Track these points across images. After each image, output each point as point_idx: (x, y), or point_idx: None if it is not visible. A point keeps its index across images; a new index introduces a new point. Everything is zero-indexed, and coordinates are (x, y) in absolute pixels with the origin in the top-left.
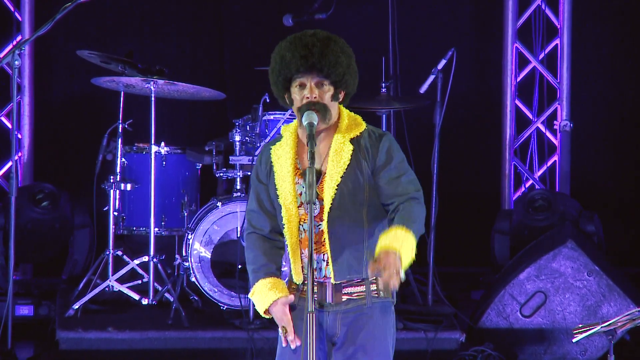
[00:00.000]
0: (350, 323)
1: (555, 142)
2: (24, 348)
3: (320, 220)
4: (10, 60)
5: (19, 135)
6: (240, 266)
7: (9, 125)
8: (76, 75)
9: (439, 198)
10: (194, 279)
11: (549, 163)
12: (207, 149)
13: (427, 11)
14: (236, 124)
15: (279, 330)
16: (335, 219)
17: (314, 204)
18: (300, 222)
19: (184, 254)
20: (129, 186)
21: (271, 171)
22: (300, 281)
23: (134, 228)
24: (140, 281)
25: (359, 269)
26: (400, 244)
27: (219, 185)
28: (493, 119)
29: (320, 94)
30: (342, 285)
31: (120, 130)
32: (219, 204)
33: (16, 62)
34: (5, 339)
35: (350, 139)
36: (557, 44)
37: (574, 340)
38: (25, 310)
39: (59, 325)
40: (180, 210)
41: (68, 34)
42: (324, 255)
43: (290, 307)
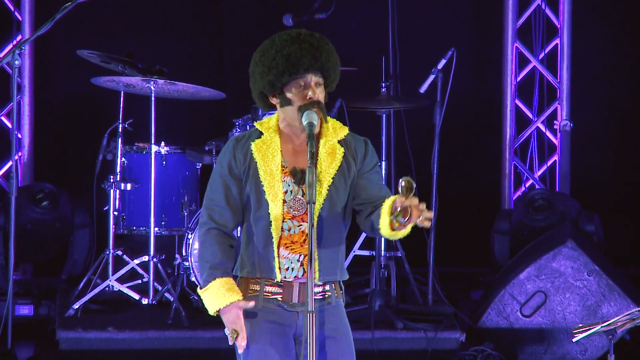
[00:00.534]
0: (317, 319)
1: (555, 142)
2: (24, 348)
3: (303, 221)
4: (10, 60)
5: (19, 135)
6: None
7: (9, 125)
8: (76, 75)
9: (439, 198)
10: (194, 279)
11: (549, 163)
12: (207, 149)
13: (427, 11)
14: (236, 123)
15: (226, 332)
16: (323, 219)
17: (301, 203)
18: (284, 220)
19: (184, 253)
20: (129, 186)
21: (252, 167)
22: (279, 279)
23: (134, 228)
24: (140, 281)
25: (336, 270)
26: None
27: None
28: (493, 119)
29: (319, 93)
30: (316, 284)
31: (120, 130)
32: None
33: (16, 62)
34: (5, 338)
35: (339, 141)
36: (557, 44)
37: (574, 340)
38: (25, 310)
39: (58, 325)
40: (180, 210)
41: (68, 34)
42: (300, 255)
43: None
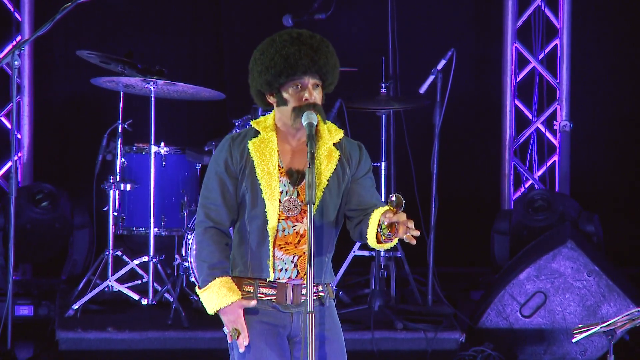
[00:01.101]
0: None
1: (555, 142)
2: (23, 348)
3: (297, 222)
4: (10, 61)
5: (19, 136)
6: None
7: (9, 126)
8: (76, 75)
9: (439, 198)
10: (193, 279)
11: (549, 163)
12: (207, 149)
13: (427, 11)
14: (236, 124)
15: (225, 331)
16: (315, 222)
17: (296, 204)
18: (278, 221)
19: (184, 254)
20: (128, 186)
21: (249, 166)
22: (272, 279)
23: (134, 228)
24: (139, 281)
25: (324, 272)
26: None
27: None
28: (493, 119)
29: (316, 95)
30: (302, 286)
31: (120, 131)
32: None
33: (16, 62)
34: (5, 339)
35: (334, 144)
36: (557, 44)
37: (574, 340)
38: (24, 310)
39: (58, 326)
40: (180, 211)
41: (68, 34)
42: (294, 256)
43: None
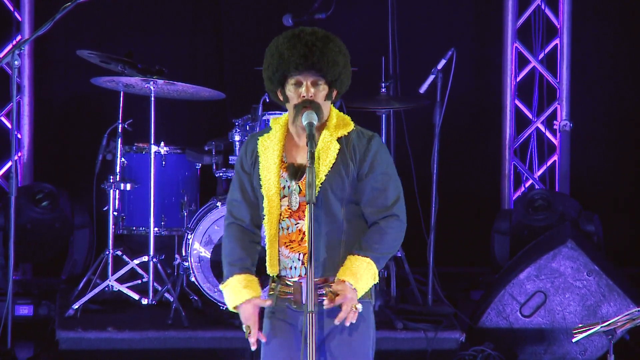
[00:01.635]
0: (328, 323)
1: (555, 142)
2: (23, 348)
3: (300, 219)
4: (10, 60)
5: (19, 135)
6: None
7: (9, 125)
8: (76, 75)
9: (439, 198)
10: (193, 279)
11: (549, 163)
12: (207, 149)
13: (427, 11)
14: (236, 123)
15: (243, 327)
16: (316, 216)
17: (296, 199)
18: (282, 218)
19: (184, 253)
20: (128, 186)
21: (256, 161)
22: (276, 273)
23: (134, 228)
24: (140, 281)
25: (335, 268)
26: (358, 277)
27: (219, 185)
28: (493, 119)
29: (315, 92)
30: (318, 285)
31: (120, 130)
32: (219, 203)
33: (16, 62)
34: (5, 338)
35: (338, 138)
36: (557, 44)
37: (574, 340)
38: (25, 310)
39: (58, 325)
40: (180, 210)
41: (68, 34)
42: (299, 254)
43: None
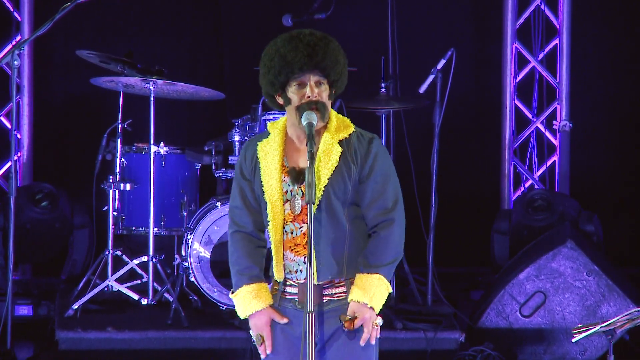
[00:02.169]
0: (332, 324)
1: (555, 142)
2: (23, 348)
3: (304, 223)
4: (9, 60)
5: (19, 135)
6: None
7: (9, 125)
8: (75, 75)
9: (439, 198)
10: (193, 279)
11: (549, 163)
12: (207, 149)
13: (427, 11)
14: (235, 124)
15: (252, 334)
16: (321, 220)
17: (299, 203)
18: (285, 222)
19: (184, 253)
20: (128, 186)
21: (257, 167)
22: (282, 279)
23: (134, 228)
24: (139, 281)
25: (340, 270)
26: (372, 295)
27: (219, 185)
28: (492, 119)
29: (319, 92)
30: (323, 286)
31: (119, 130)
32: (219, 203)
33: (15, 62)
34: (4, 338)
35: (339, 141)
36: (557, 44)
37: (574, 340)
38: (24, 310)
39: (58, 325)
40: (180, 210)
41: (67, 34)
42: (304, 257)
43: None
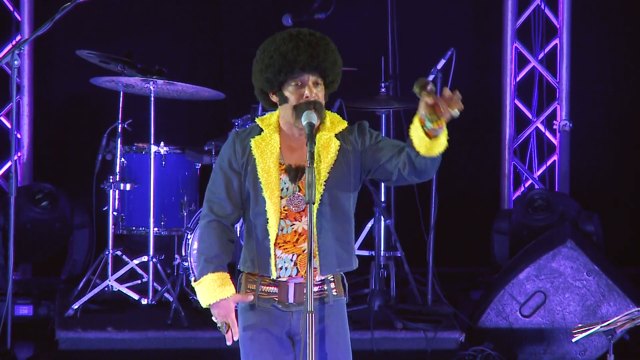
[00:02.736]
0: (316, 321)
1: (555, 142)
2: (23, 348)
3: (296, 220)
4: (9, 60)
5: (19, 135)
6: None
7: (9, 125)
8: (75, 75)
9: (439, 198)
10: (193, 279)
11: (549, 163)
12: (207, 149)
13: (427, 11)
14: (235, 123)
15: (217, 324)
16: (323, 214)
17: (300, 199)
18: (281, 217)
19: (184, 253)
20: (128, 186)
21: (250, 163)
22: (275, 277)
23: (134, 228)
24: (139, 281)
25: (347, 260)
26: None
27: None
28: (493, 118)
29: (316, 93)
30: (304, 284)
31: (119, 130)
32: None
33: (15, 62)
34: (4, 338)
35: (336, 135)
36: (557, 44)
37: (574, 340)
38: (24, 310)
39: (58, 325)
40: (180, 210)
41: (67, 34)
42: (293, 255)
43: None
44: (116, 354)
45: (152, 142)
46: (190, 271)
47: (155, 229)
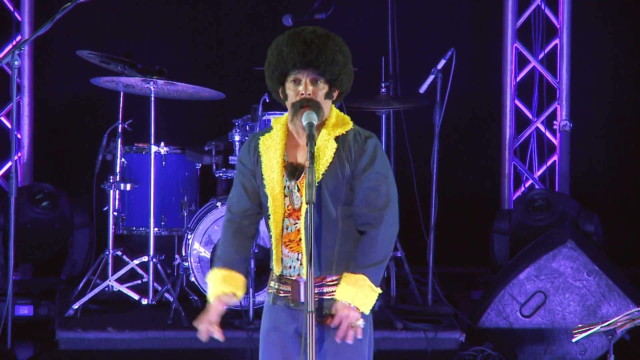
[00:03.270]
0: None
1: (555, 142)
2: (23, 348)
3: (298, 219)
4: (9, 60)
5: (19, 135)
6: None
7: (9, 125)
8: (76, 75)
9: (439, 198)
10: (193, 279)
11: (549, 163)
12: (207, 149)
13: (427, 11)
14: (236, 123)
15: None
16: (316, 216)
17: (297, 199)
18: (285, 216)
19: (184, 253)
20: (128, 186)
21: (258, 161)
22: (279, 273)
23: (134, 228)
24: (139, 281)
25: (329, 267)
26: (354, 295)
27: (219, 185)
28: (493, 119)
29: (314, 91)
30: (315, 284)
31: (119, 130)
32: (219, 203)
33: (16, 62)
34: (5, 339)
35: (335, 137)
36: (557, 44)
37: (574, 340)
38: (24, 310)
39: (58, 325)
40: (180, 210)
41: (68, 34)
42: (298, 254)
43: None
44: (116, 354)
45: (153, 142)
46: (191, 271)
47: (156, 229)
